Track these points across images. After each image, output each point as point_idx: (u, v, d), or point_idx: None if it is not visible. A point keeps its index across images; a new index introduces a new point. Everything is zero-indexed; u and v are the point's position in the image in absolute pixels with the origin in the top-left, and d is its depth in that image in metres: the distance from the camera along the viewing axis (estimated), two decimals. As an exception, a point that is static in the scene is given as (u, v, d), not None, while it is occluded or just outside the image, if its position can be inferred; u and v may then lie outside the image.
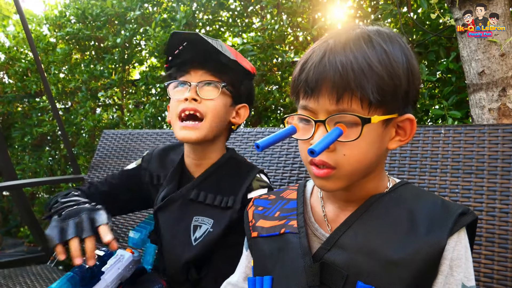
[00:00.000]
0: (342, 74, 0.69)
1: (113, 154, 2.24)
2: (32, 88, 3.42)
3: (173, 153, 1.32)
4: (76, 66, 3.33)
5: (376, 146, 0.74)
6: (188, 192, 1.17)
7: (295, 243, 0.82)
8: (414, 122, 0.76)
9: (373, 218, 0.78)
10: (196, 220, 1.15)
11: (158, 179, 1.28)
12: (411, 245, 0.72)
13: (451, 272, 0.72)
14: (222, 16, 2.97)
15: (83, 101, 3.22)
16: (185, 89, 1.14)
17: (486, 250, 1.18)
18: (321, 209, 0.86)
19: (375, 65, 0.69)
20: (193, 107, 1.11)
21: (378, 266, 0.73)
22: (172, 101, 1.16)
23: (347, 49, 0.71)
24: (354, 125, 0.71)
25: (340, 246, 0.77)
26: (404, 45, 0.76)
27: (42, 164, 3.42)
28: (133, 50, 3.17)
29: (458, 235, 0.73)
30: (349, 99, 0.70)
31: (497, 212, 1.21)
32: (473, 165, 1.29)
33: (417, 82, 0.76)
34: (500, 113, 1.45)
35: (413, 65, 0.75)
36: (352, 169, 0.74)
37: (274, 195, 0.97)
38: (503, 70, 1.45)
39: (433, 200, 0.78)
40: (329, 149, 0.73)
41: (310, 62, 0.74)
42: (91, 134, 3.24)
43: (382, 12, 2.04)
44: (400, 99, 0.73)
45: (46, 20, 3.38)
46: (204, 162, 1.21)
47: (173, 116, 1.15)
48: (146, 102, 3.00)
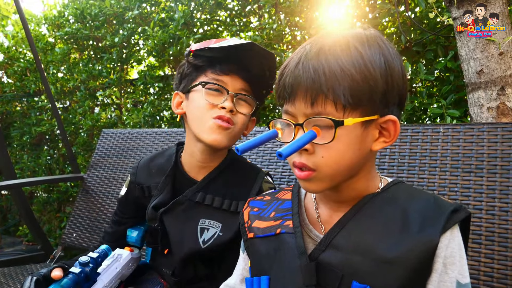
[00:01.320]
0: (314, 78, 0.71)
1: (112, 153, 2.24)
2: (31, 88, 3.42)
3: (160, 158, 1.28)
4: (74, 66, 3.33)
5: (355, 147, 0.75)
6: (194, 195, 1.15)
7: (291, 243, 0.82)
8: (397, 123, 0.76)
9: (366, 218, 0.78)
10: (203, 223, 1.14)
11: (149, 190, 1.24)
12: (404, 243, 0.72)
13: (445, 270, 0.73)
14: (220, 16, 2.97)
15: (82, 100, 3.22)
16: (221, 95, 1.10)
17: (486, 248, 1.19)
18: (315, 211, 0.87)
19: (347, 69, 0.70)
20: (229, 117, 1.09)
21: (372, 266, 0.73)
22: (202, 101, 1.10)
23: (321, 54, 0.73)
24: (329, 128, 0.72)
25: (335, 247, 0.78)
26: (385, 46, 0.76)
27: (41, 163, 3.42)
28: (131, 49, 3.17)
29: (451, 232, 0.74)
30: (322, 102, 0.72)
31: (496, 211, 1.21)
32: (472, 163, 1.30)
33: (399, 82, 0.76)
34: (499, 112, 1.45)
35: (393, 67, 0.75)
36: (332, 170, 0.75)
37: (269, 196, 0.98)
38: (501, 69, 1.45)
39: (426, 198, 0.79)
40: (308, 152, 0.75)
41: (287, 68, 0.77)
42: (90, 133, 3.24)
43: (380, 11, 2.04)
44: (377, 101, 0.73)
45: (45, 20, 3.38)
46: (209, 165, 1.19)
47: (206, 117, 1.10)
48: (145, 101, 3.00)
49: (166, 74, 3.04)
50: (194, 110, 1.13)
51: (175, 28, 2.64)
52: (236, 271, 0.98)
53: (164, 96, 2.93)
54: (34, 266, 2.03)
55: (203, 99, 1.10)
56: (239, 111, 1.12)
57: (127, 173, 2.12)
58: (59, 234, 3.19)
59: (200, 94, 1.11)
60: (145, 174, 1.27)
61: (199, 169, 1.20)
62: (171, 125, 2.81)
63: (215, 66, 1.11)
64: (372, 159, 0.82)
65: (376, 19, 2.17)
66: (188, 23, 2.72)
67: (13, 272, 1.91)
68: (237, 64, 1.11)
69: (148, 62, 3.19)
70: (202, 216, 1.15)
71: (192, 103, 1.14)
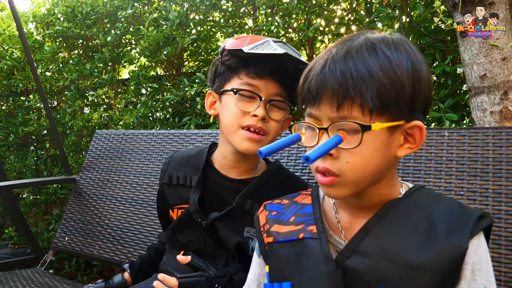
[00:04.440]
0: (341, 81, 0.70)
1: (106, 154, 2.19)
2: (19, 87, 3.34)
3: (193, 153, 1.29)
4: (64, 65, 3.26)
5: (380, 153, 0.74)
6: (244, 203, 1.13)
7: (316, 248, 0.81)
8: (423, 129, 0.75)
9: (392, 223, 0.77)
10: (248, 232, 1.13)
11: (177, 179, 1.25)
12: (432, 248, 0.72)
13: (473, 277, 0.72)
14: (214, 17, 2.95)
15: (72, 100, 3.15)
16: (253, 101, 1.08)
17: (493, 252, 1.19)
18: (334, 216, 0.86)
19: (375, 72, 0.70)
20: (261, 126, 1.07)
21: (399, 271, 0.72)
22: (234, 108, 1.08)
23: (348, 57, 0.72)
24: (355, 132, 0.71)
25: (360, 252, 0.77)
26: (412, 51, 0.75)
27: (28, 164, 3.34)
28: (123, 49, 3.12)
29: (478, 238, 0.73)
30: (349, 106, 0.71)
31: (503, 215, 1.22)
32: (478, 167, 1.30)
33: (425, 88, 0.75)
34: (502, 116, 1.46)
35: (420, 71, 0.74)
36: (356, 176, 0.74)
37: (287, 199, 0.95)
38: (504, 74, 1.47)
39: (450, 203, 0.78)
40: (332, 157, 0.73)
41: (312, 71, 0.75)
42: (79, 134, 3.18)
43: (378, 15, 2.05)
44: (404, 106, 0.72)
45: (33, 18, 3.31)
46: (240, 165, 1.18)
47: (235, 125, 1.09)
48: (138, 102, 2.95)
49: (159, 75, 3.00)
50: (226, 115, 1.11)
51: (170, 28, 2.61)
52: (250, 276, 0.96)
53: (157, 97, 2.89)
54: (24, 271, 1.98)
55: (234, 105, 1.07)
56: (272, 117, 1.10)
57: (121, 174, 2.08)
58: (47, 237, 3.12)
59: (232, 100, 1.08)
60: (176, 164, 1.28)
61: (230, 168, 1.19)
62: (164, 126, 2.77)
63: (249, 67, 1.08)
64: (396, 165, 0.81)
65: (373, 22, 2.17)
66: (183, 23, 2.69)
67: (2, 278, 1.85)
68: (272, 67, 1.07)
69: (140, 62, 3.14)
70: (247, 224, 1.13)
71: (224, 107, 1.12)
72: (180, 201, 1.23)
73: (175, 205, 1.25)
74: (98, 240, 1.98)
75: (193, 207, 1.16)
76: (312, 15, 2.29)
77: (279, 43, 1.10)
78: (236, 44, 1.09)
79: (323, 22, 2.39)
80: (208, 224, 1.15)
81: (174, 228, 1.24)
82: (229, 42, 1.12)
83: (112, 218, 2.00)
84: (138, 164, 2.05)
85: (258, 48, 1.05)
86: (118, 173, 2.11)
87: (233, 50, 1.08)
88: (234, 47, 1.08)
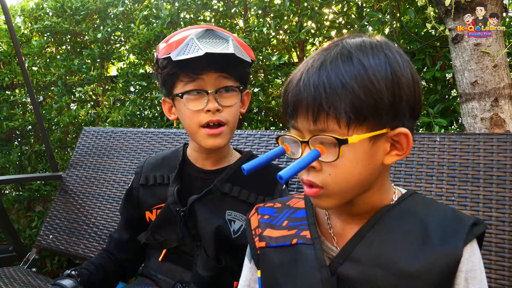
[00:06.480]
0: (314, 95, 0.69)
1: (94, 152, 2.16)
2: (4, 81, 3.27)
3: (166, 154, 1.31)
4: (52, 60, 3.22)
5: (363, 163, 0.72)
6: (222, 186, 1.15)
7: (309, 254, 0.80)
8: (408, 135, 0.72)
9: (385, 230, 0.76)
10: (229, 215, 1.14)
11: (154, 179, 1.24)
12: (426, 256, 0.71)
13: (467, 284, 0.72)
14: (205, 16, 2.93)
15: (59, 96, 3.11)
16: (201, 97, 1.09)
17: (483, 258, 1.18)
18: (326, 222, 0.85)
19: (348, 84, 0.67)
20: (218, 118, 1.09)
21: (393, 279, 0.72)
22: (186, 110, 1.10)
23: (323, 69, 0.70)
24: (333, 146, 0.70)
25: (354, 260, 0.76)
26: (393, 55, 0.72)
27: (12, 159, 3.28)
28: (112, 46, 3.09)
29: (471, 245, 0.73)
30: (325, 120, 0.69)
31: (493, 221, 1.23)
32: (469, 173, 1.31)
33: (409, 92, 0.72)
34: (492, 123, 1.48)
35: (400, 76, 0.71)
36: (340, 187, 0.73)
37: (280, 203, 0.94)
38: (495, 81, 1.48)
39: (444, 209, 0.78)
40: (316, 169, 0.72)
41: (291, 83, 0.74)
42: (65, 131, 3.13)
43: (370, 20, 2.06)
44: (384, 115, 0.69)
45: (21, 12, 3.25)
46: (213, 156, 1.21)
47: (194, 126, 1.11)
48: (127, 99, 2.92)
49: (148, 73, 2.97)
50: (183, 119, 1.14)
51: (161, 26, 2.59)
52: (241, 281, 0.94)
53: (146, 95, 2.87)
54: (7, 269, 1.93)
55: (185, 108, 1.09)
56: (226, 105, 1.10)
57: (109, 173, 2.05)
58: (29, 234, 3.07)
59: (182, 103, 1.10)
60: (150, 166, 1.28)
61: (204, 160, 1.21)
62: (152, 124, 2.74)
63: (186, 68, 1.08)
64: (386, 172, 0.79)
65: (365, 27, 2.18)
66: (174, 22, 2.67)
67: (-16, 276, 1.81)
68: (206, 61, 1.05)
69: (129, 59, 3.11)
70: (228, 208, 1.14)
71: (179, 111, 1.15)
72: (159, 201, 1.22)
73: (153, 206, 1.24)
74: (83, 239, 1.95)
75: (172, 199, 1.16)
76: (304, 18, 2.29)
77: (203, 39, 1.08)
78: (165, 51, 1.08)
79: (314, 25, 2.38)
80: (187, 209, 1.14)
81: (154, 227, 1.23)
82: (161, 49, 1.12)
83: (98, 216, 1.97)
84: (126, 163, 2.03)
85: (185, 51, 1.04)
86: (105, 171, 2.08)
87: (165, 58, 1.09)
88: (165, 54, 1.08)
